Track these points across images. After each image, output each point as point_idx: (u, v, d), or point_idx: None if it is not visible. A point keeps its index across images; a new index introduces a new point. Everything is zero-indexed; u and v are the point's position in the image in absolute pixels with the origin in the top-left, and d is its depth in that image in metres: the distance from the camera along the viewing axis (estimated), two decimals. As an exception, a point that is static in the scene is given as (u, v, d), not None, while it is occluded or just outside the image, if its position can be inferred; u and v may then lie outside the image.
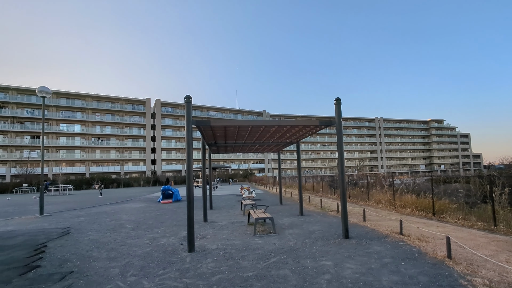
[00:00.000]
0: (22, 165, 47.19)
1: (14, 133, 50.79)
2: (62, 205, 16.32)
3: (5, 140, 49.82)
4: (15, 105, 51.60)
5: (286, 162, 78.33)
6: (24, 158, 48.74)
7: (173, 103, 67.24)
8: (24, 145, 50.91)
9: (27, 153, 49.82)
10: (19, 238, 7.17)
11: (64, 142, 54.48)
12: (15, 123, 50.96)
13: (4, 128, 49.88)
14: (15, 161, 48.88)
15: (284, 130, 7.79)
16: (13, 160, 48.99)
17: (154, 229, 8.03)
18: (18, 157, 49.45)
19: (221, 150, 12.79)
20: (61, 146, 53.94)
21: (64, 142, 54.46)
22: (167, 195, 16.54)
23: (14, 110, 51.29)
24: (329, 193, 18.35)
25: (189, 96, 5.91)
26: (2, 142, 49.56)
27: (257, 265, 4.50)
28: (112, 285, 3.83)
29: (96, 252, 5.63)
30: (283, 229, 7.43)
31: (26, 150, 50.49)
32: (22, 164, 47.28)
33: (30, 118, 52.33)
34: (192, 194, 5.77)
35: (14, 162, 48.80)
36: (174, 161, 65.06)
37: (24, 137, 51.57)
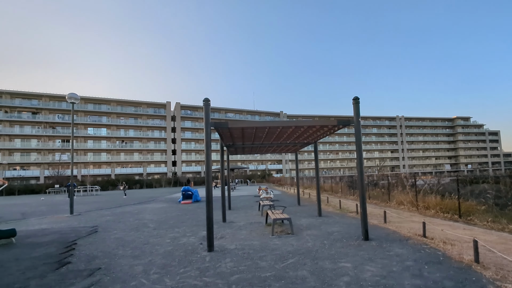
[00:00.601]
0: (54, 167, 50.00)
1: (47, 137, 53.93)
2: (90, 205, 17.12)
3: (39, 144, 53.03)
4: (47, 111, 54.83)
5: (304, 162, 77.49)
6: (56, 161, 51.65)
7: (192, 105, 68.59)
8: (55, 149, 53.95)
9: (58, 156, 52.81)
10: (52, 236, 7.61)
11: (91, 145, 57.12)
12: (47, 128, 54.14)
13: (38, 133, 53.12)
14: (48, 164, 51.84)
15: (301, 130, 7.73)
16: (46, 162, 52.00)
17: (175, 228, 8.23)
18: (50, 159, 52.46)
19: (239, 151, 12.90)
20: (88, 149, 56.59)
21: (92, 145, 57.09)
22: (187, 196, 16.89)
23: (46, 115, 54.52)
24: (348, 194, 17.95)
25: (207, 99, 6.01)
26: (36, 146, 52.77)
27: (275, 265, 4.49)
28: (136, 282, 3.97)
29: (121, 250, 5.86)
30: (301, 230, 7.36)
31: (58, 153, 53.53)
32: (54, 166, 50.10)
33: (61, 123, 55.37)
34: (211, 194, 5.86)
35: (47, 165, 51.77)
36: (193, 162, 66.30)
37: (55, 141, 54.64)
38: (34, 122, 53.43)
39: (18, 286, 3.99)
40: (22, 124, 52.78)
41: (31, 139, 52.94)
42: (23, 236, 7.64)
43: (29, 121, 53.17)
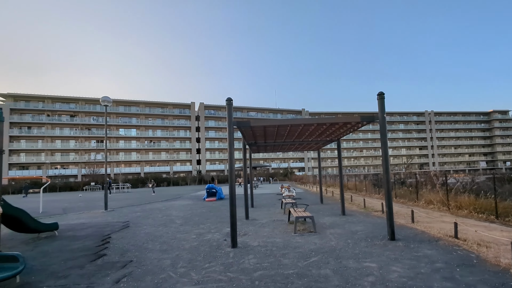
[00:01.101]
0: (90, 166, 53.30)
1: (84, 138, 57.57)
2: (122, 202, 18.05)
3: (76, 144, 56.78)
4: (83, 114, 58.49)
5: (327, 160, 75.99)
6: (91, 160, 55.02)
7: (216, 105, 69.74)
8: (91, 149, 57.46)
9: (93, 155, 56.22)
10: (89, 230, 8.13)
11: (122, 145, 60.10)
12: (84, 130, 57.78)
13: (76, 134, 56.89)
14: (85, 163, 55.35)
15: (324, 128, 7.59)
16: (83, 162, 55.55)
17: (200, 225, 8.45)
18: (87, 159, 55.98)
19: (261, 150, 12.93)
20: (120, 149, 59.59)
21: (123, 145, 60.05)
22: (211, 193, 17.25)
23: (83, 118, 58.19)
24: (373, 192, 17.35)
25: (230, 98, 6.09)
26: (74, 146, 56.54)
27: (298, 263, 4.47)
28: (164, 275, 4.14)
29: (150, 244, 6.14)
30: (324, 228, 7.25)
31: (93, 153, 56.99)
32: (90, 165, 53.40)
33: (95, 125, 58.80)
34: (234, 192, 5.95)
35: (84, 164, 55.29)
36: (217, 161, 67.47)
37: (91, 141, 58.17)
38: (72, 124, 57.25)
39: (61, 274, 4.33)
40: (62, 126, 56.78)
41: (70, 140, 56.81)
42: (64, 229, 8.24)
43: (68, 124, 57.08)
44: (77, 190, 41.09)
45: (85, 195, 28.91)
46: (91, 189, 39.19)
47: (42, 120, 55.28)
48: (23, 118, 54.19)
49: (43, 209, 14.19)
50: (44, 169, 52.58)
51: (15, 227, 7.00)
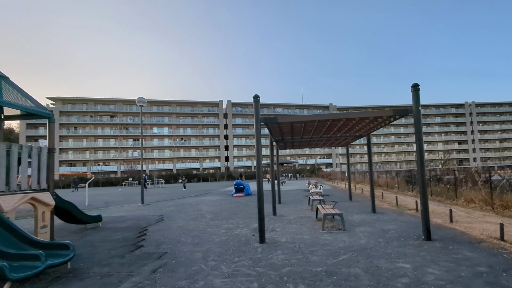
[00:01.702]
0: (128, 163, 56.76)
1: (122, 137, 61.38)
2: (157, 196, 19.00)
3: (116, 143, 60.72)
4: (121, 114, 62.30)
5: (356, 156, 73.32)
6: (129, 157, 58.57)
7: (243, 103, 70.36)
8: (128, 147, 61.14)
9: (131, 153, 59.78)
10: (128, 222, 8.67)
11: (156, 143, 63.12)
12: (122, 129, 61.57)
13: (115, 133, 60.84)
14: (123, 160, 59.07)
15: (353, 122, 7.31)
16: (122, 159, 59.30)
17: (229, 220, 8.62)
18: (125, 156, 59.70)
19: (288, 146, 12.83)
20: (154, 147, 62.65)
21: (156, 143, 63.07)
22: (239, 189, 17.50)
23: (121, 118, 62.00)
24: (406, 189, 16.43)
25: (257, 95, 6.08)
26: (114, 145, 60.50)
27: (327, 261, 4.39)
28: (196, 267, 4.29)
29: (183, 238, 6.39)
30: (354, 226, 7.02)
31: (130, 151, 60.60)
32: (128, 162, 56.86)
33: (132, 124, 62.36)
34: (262, 188, 5.97)
35: (122, 161, 59.01)
36: (244, 157, 68.24)
37: (128, 140, 61.84)
38: (112, 124, 61.27)
39: (105, 263, 4.67)
40: (103, 126, 61.00)
41: (110, 139, 60.85)
42: (107, 221, 8.87)
43: (108, 124, 61.15)
44: (117, 185, 44.00)
45: (124, 190, 30.89)
46: (129, 184, 41.74)
47: (86, 121, 59.87)
48: (70, 120, 59.05)
49: (88, 202, 15.40)
50: (88, 165, 57.00)
51: (65, 218, 7.68)
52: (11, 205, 5.21)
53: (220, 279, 3.77)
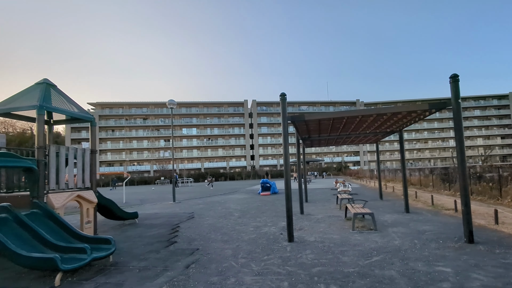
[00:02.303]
0: (160, 162, 59.39)
1: (154, 138, 64.37)
2: (187, 195, 19.65)
3: (148, 144, 63.84)
4: (153, 116, 65.32)
5: (385, 153, 69.99)
6: (160, 157, 61.28)
7: (267, 102, 70.33)
8: (160, 147, 63.95)
9: (162, 153, 62.52)
10: (162, 219, 9.05)
11: (185, 143, 65.32)
12: (153, 130, 64.57)
13: (148, 135, 63.99)
14: (155, 160, 61.91)
15: (384, 118, 6.96)
16: (154, 159, 62.19)
17: (256, 218, 8.65)
18: (157, 156, 62.54)
19: (314, 144, 12.58)
20: (183, 147, 64.88)
21: (185, 143, 65.26)
22: (265, 188, 17.51)
23: (153, 120, 65.02)
24: (442, 188, 15.35)
25: (283, 93, 6.01)
26: (147, 146, 63.64)
27: (358, 262, 4.22)
28: (227, 264, 4.36)
29: (213, 235, 6.52)
30: (386, 226, 6.69)
31: (162, 151, 63.37)
32: (160, 162, 59.48)
33: (163, 126, 65.11)
34: (290, 187, 5.90)
35: (155, 161, 61.86)
36: (269, 156, 68.17)
37: (160, 140, 64.69)
38: (145, 126, 64.51)
39: (142, 257, 4.91)
40: (137, 128, 64.44)
41: (143, 140, 64.11)
42: (142, 218, 9.33)
43: (141, 126, 64.46)
44: (150, 184, 46.19)
45: (157, 188, 32.37)
46: (161, 183, 43.65)
47: (122, 123, 63.64)
48: (108, 123, 63.12)
49: (125, 200, 16.35)
50: (124, 165, 60.52)
51: (106, 214, 8.21)
52: (61, 202, 5.68)
53: (250, 277, 3.79)
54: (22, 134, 69.82)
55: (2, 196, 5.84)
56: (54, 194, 5.71)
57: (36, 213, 4.98)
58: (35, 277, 4.10)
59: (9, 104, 6.01)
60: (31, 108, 5.73)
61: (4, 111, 6.04)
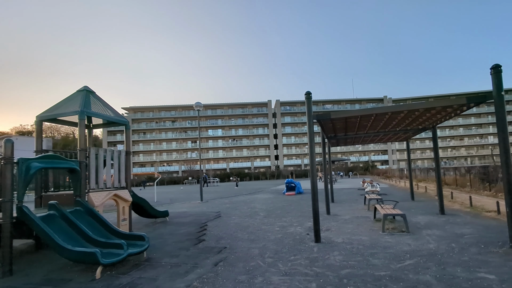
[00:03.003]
0: (187, 163, 61.32)
1: (182, 139, 66.63)
2: (213, 194, 20.05)
3: (177, 145, 66.22)
4: (181, 119, 67.68)
5: (416, 152, 66.17)
6: (188, 158, 63.27)
7: (291, 101, 69.71)
8: (188, 148, 66.04)
9: (189, 154, 64.53)
10: (190, 218, 9.32)
11: (211, 144, 66.81)
12: (181, 132, 66.86)
13: (176, 137, 66.42)
14: (183, 161, 64.01)
15: (416, 114, 6.57)
16: (182, 160, 64.33)
17: (282, 218, 8.58)
18: (185, 157, 64.64)
19: (340, 143, 12.24)
20: (209, 148, 66.39)
21: (211, 144, 66.73)
22: (290, 188, 17.32)
23: (180, 122, 67.37)
24: (481, 188, 14.13)
25: (309, 92, 5.89)
26: (175, 147, 66.05)
27: (390, 265, 4.02)
28: (254, 263, 4.36)
29: (240, 234, 6.58)
30: (419, 228, 6.30)
31: (189, 152, 65.41)
32: (188, 163, 61.41)
33: (190, 128, 67.19)
34: (316, 186, 5.77)
35: (183, 161, 63.98)
36: (294, 155, 67.45)
37: (187, 142, 66.82)
38: (173, 128, 67.06)
39: (173, 254, 5.09)
40: (166, 130, 67.15)
41: (172, 142, 66.62)
42: (172, 216, 9.67)
43: (170, 128, 67.07)
44: (179, 184, 47.81)
45: (185, 188, 33.44)
46: (189, 183, 45.02)
47: (152, 126, 66.71)
48: (140, 126, 66.46)
49: (156, 199, 17.08)
50: (155, 166, 63.31)
51: (139, 212, 8.63)
52: (100, 200, 6.06)
53: (277, 277, 3.76)
54: (66, 138, 75.84)
55: (50, 195, 6.38)
56: (94, 193, 6.11)
57: (79, 210, 5.36)
58: (78, 269, 4.41)
59: (55, 111, 6.54)
60: (74, 113, 6.19)
61: (51, 117, 6.58)
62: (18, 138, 39.10)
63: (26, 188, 4.67)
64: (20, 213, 4.45)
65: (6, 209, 4.29)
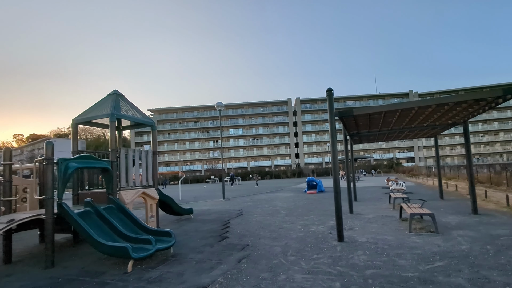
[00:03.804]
0: (209, 162, 62.59)
1: (204, 139, 68.10)
2: (235, 192, 20.29)
3: (199, 145, 67.79)
4: (203, 119, 69.17)
5: (444, 148, 62.43)
6: (210, 157, 64.54)
7: (311, 99, 68.62)
8: (209, 148, 67.37)
9: (211, 153, 65.80)
10: (213, 215, 9.51)
11: (232, 143, 67.62)
12: (203, 132, 68.32)
13: (198, 136, 68.00)
14: (206, 160, 65.40)
15: (445, 109, 6.19)
16: (205, 159, 65.75)
17: (304, 216, 8.49)
18: (207, 156, 66.01)
19: (363, 140, 11.87)
20: (230, 147, 67.23)
21: (232, 143, 67.53)
22: (311, 186, 17.08)
23: (202, 122, 68.86)
24: (521, 186, 13.03)
25: (330, 88, 5.76)
26: (198, 146, 67.65)
27: (418, 266, 3.84)
28: (277, 261, 4.37)
29: (262, 231, 6.61)
30: (449, 229, 5.95)
31: (211, 151, 66.71)
32: (210, 162, 62.67)
33: (212, 128, 68.45)
34: (339, 184, 5.65)
35: (205, 160, 65.37)
36: (315, 154, 66.41)
37: (209, 141, 68.16)
38: (196, 128, 68.73)
39: (198, 250, 5.23)
40: (189, 131, 68.98)
41: (195, 142, 68.29)
42: (196, 214, 9.93)
43: (193, 128, 68.79)
44: (202, 182, 48.95)
45: (207, 186, 34.17)
46: (211, 182, 45.92)
47: (176, 127, 68.83)
48: (165, 127, 68.84)
49: (181, 197, 17.61)
50: (179, 165, 65.27)
51: (165, 210, 8.95)
52: (130, 198, 6.37)
53: (300, 275, 3.73)
54: (98, 139, 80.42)
55: (85, 193, 6.81)
56: (124, 191, 6.44)
57: (111, 207, 5.68)
58: (111, 263, 4.68)
59: (89, 114, 6.96)
60: (105, 116, 6.55)
61: (85, 119, 7.02)
62: (56, 140, 42.16)
63: (65, 186, 5.02)
64: (60, 209, 4.80)
65: (48, 206, 4.65)
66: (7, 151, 5.38)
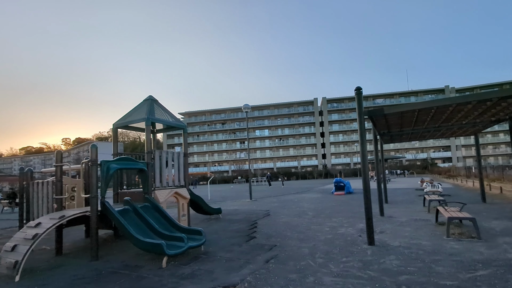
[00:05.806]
0: (236, 163, 63.54)
1: (231, 140, 69.33)
2: (262, 193, 20.36)
3: (227, 146, 69.12)
4: (230, 121, 70.49)
5: (487, 147, 56.92)
6: (237, 158, 65.51)
7: (338, 98, 66.70)
8: (236, 149, 68.40)
9: (238, 154, 66.77)
10: (241, 215, 9.63)
11: (258, 144, 67.97)
12: (230, 134, 69.59)
13: (225, 138, 69.40)
14: (233, 161, 66.48)
15: (487, 105, 5.66)
16: (232, 160, 66.86)
17: (332, 218, 8.27)
18: (234, 157, 67.07)
19: (395, 139, 11.27)
20: (257, 148, 67.61)
21: (258, 144, 67.87)
22: (339, 187, 16.57)
23: (230, 124, 70.18)
24: None
25: (359, 87, 5.56)
26: (225, 148, 69.02)
27: (458, 274, 3.55)
28: (305, 263, 4.31)
29: (289, 232, 6.56)
30: (493, 235, 5.43)
31: (238, 152, 67.70)
32: (237, 163, 63.61)
33: (238, 129, 69.46)
34: (368, 185, 5.43)
35: (232, 161, 66.46)
36: (342, 154, 64.35)
37: (236, 143, 69.22)
38: (223, 130, 70.27)
39: (227, 249, 5.34)
40: (217, 132, 70.71)
41: (222, 143, 69.77)
42: (225, 213, 10.12)
43: (220, 130, 70.40)
44: (229, 183, 49.80)
45: (235, 187, 34.70)
46: (238, 182, 46.55)
47: (205, 129, 70.96)
48: (194, 129, 71.25)
49: (210, 197, 18.09)
50: (208, 166, 67.09)
51: (195, 209, 9.26)
52: (164, 197, 6.69)
53: (329, 277, 3.65)
54: (133, 142, 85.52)
55: (124, 192, 7.28)
56: (158, 191, 6.78)
57: (147, 206, 6.01)
58: (148, 258, 4.95)
59: (127, 118, 7.46)
60: (141, 120, 6.98)
61: (124, 124, 7.52)
62: (98, 143, 45.62)
63: (108, 186, 5.43)
64: (103, 207, 5.20)
65: (93, 204, 5.05)
66: (58, 154, 5.93)
